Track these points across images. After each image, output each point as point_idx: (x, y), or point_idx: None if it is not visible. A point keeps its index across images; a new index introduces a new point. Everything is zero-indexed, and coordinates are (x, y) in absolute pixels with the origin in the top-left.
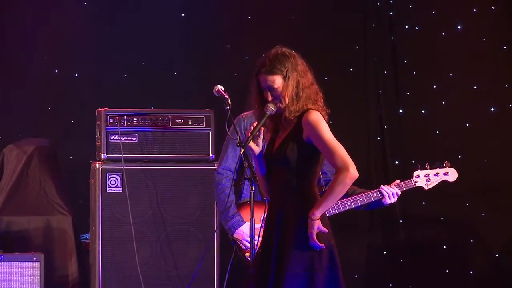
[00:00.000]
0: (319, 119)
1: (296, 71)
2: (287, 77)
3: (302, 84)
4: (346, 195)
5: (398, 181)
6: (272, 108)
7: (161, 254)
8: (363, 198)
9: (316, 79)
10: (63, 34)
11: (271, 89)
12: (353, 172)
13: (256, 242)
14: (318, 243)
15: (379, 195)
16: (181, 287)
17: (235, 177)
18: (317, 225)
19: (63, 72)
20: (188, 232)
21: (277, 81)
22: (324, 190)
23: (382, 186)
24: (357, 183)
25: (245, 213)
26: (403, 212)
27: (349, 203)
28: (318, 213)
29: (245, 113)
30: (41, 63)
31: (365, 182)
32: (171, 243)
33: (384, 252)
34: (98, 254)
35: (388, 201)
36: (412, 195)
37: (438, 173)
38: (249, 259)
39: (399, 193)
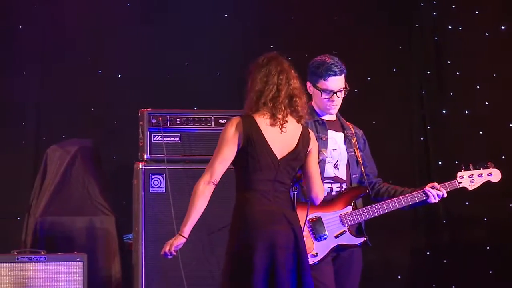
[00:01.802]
0: None
1: None
2: None
3: None
4: (390, 196)
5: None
6: None
7: (203, 254)
8: (407, 199)
9: (359, 80)
10: (106, 35)
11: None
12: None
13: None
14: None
15: (423, 195)
16: None
17: None
18: (178, 242)
19: (106, 72)
20: None
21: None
22: (369, 192)
23: (426, 187)
24: (400, 183)
25: None
26: (446, 213)
27: (393, 203)
28: (184, 232)
29: None
30: (85, 64)
31: (408, 182)
32: (213, 244)
33: (427, 253)
34: (141, 255)
35: (432, 201)
36: (456, 195)
37: (481, 174)
38: None
39: (445, 195)
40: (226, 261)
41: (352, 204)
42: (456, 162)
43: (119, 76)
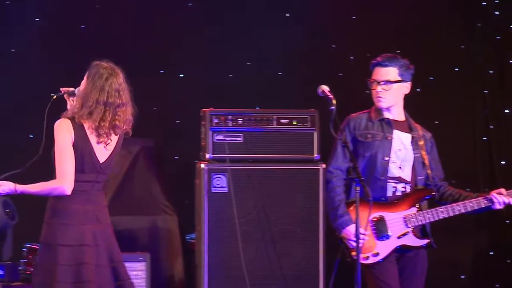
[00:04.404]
0: None
1: None
2: None
3: None
4: (454, 200)
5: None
6: None
7: (266, 254)
8: (472, 204)
9: (422, 79)
10: (169, 35)
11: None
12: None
13: (363, 240)
14: None
15: (489, 202)
16: (286, 287)
17: (345, 176)
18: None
19: (169, 72)
20: (293, 232)
21: None
22: (435, 194)
23: (493, 192)
24: (462, 182)
25: (354, 212)
26: (509, 213)
27: (458, 207)
28: (20, 188)
29: (355, 114)
30: (147, 63)
31: (471, 182)
32: (276, 243)
33: (491, 253)
34: (204, 254)
35: (497, 207)
36: None
37: None
38: (355, 258)
39: (511, 203)
40: None
41: (417, 205)
42: None
43: (181, 75)
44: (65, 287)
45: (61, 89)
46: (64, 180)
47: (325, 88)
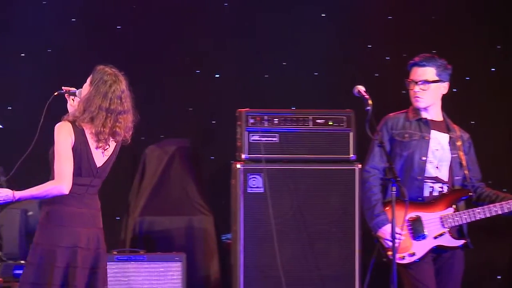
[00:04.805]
0: None
1: None
2: None
3: None
4: (491, 201)
5: None
6: None
7: (302, 254)
8: (510, 205)
9: (458, 79)
10: (203, 35)
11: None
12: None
13: (399, 240)
14: None
15: None
16: (322, 287)
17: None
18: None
19: (204, 72)
20: (329, 232)
21: None
22: (472, 195)
23: None
24: (498, 183)
25: (390, 212)
26: None
27: (495, 208)
28: (18, 195)
29: (393, 113)
30: (183, 63)
31: (509, 183)
32: (312, 243)
33: None
34: (240, 254)
35: None
36: None
37: None
38: (391, 258)
39: None
40: None
41: (454, 206)
42: None
43: (217, 76)
44: None
45: (63, 87)
46: (63, 180)
47: (361, 88)
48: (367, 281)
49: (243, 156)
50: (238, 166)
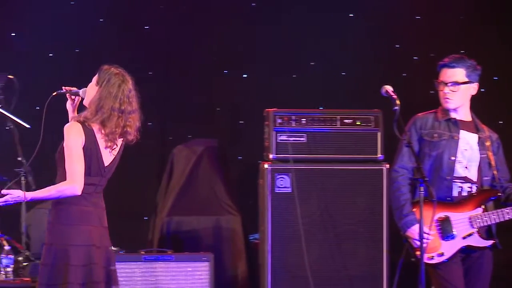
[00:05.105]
0: None
1: None
2: None
3: None
4: None
5: None
6: None
7: (329, 254)
8: None
9: (486, 79)
10: (231, 35)
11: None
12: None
13: (427, 240)
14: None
15: None
16: (350, 287)
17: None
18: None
19: (232, 72)
20: (356, 232)
21: None
22: (500, 195)
23: None
24: None
25: (419, 212)
26: None
27: None
28: (29, 195)
29: (422, 113)
30: (211, 64)
31: None
32: (339, 243)
33: None
34: (268, 254)
35: None
36: None
37: None
38: (419, 258)
39: None
40: None
41: (483, 206)
42: None
43: (245, 76)
44: None
45: (63, 87)
46: (75, 181)
47: (389, 88)
48: (395, 281)
49: (270, 156)
50: (266, 166)
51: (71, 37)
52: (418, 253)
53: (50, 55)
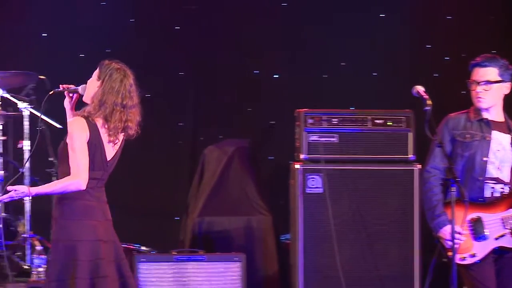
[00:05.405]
0: None
1: None
2: None
3: None
4: None
5: None
6: None
7: (361, 254)
8: None
9: None
10: (262, 35)
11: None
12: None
13: (459, 241)
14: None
15: None
16: (382, 287)
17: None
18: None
19: (263, 73)
20: (388, 233)
21: None
22: None
23: None
24: None
25: (450, 213)
26: None
27: None
28: (34, 191)
29: (454, 114)
30: (241, 64)
31: None
32: (371, 244)
33: None
34: (299, 255)
35: None
36: None
37: None
38: (451, 258)
39: None
40: None
41: None
42: None
43: (276, 76)
44: (84, 283)
45: (60, 85)
46: (80, 175)
47: (420, 88)
48: (428, 281)
49: (301, 156)
50: (297, 166)
51: (102, 38)
52: (450, 253)
53: (81, 55)
